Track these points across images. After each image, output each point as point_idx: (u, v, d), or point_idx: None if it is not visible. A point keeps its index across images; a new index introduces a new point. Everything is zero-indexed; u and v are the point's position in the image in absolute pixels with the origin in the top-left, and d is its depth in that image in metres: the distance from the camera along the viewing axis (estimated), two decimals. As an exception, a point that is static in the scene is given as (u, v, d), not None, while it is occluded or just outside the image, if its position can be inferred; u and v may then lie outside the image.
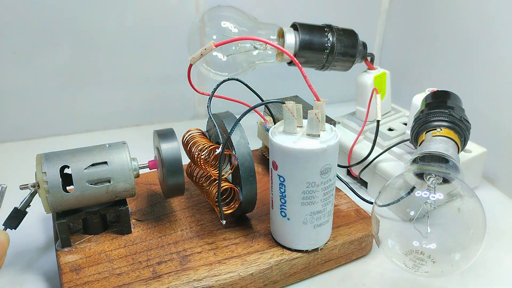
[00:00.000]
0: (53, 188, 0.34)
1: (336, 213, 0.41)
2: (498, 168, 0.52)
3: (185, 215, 0.41)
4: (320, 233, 0.36)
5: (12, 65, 0.56)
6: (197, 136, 0.40)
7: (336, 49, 0.49)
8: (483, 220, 0.35)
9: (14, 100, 0.58)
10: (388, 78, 0.54)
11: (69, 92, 0.61)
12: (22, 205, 0.36)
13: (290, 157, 0.33)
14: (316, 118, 0.33)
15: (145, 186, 0.46)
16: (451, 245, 0.36)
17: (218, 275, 0.34)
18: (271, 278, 0.36)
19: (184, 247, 0.37)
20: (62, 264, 0.35)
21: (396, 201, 0.37)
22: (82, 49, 0.59)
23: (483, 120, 0.52)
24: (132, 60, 0.62)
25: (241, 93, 0.41)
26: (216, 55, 0.47)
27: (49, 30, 0.56)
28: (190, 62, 0.40)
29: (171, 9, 0.60)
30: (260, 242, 0.38)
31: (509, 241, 0.43)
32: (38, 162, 0.35)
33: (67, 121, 0.62)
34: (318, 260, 0.38)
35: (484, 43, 0.52)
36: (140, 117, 0.66)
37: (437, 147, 0.37)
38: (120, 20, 0.58)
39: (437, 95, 0.44)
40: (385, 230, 0.37)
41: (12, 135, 0.60)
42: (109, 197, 0.37)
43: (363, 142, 0.52)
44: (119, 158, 0.37)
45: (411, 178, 0.37)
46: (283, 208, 0.35)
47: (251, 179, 0.36)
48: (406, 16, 0.67)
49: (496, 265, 0.40)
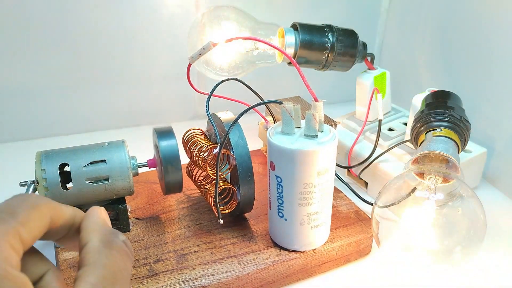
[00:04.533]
0: (52, 185, 0.34)
1: (335, 214, 0.41)
2: (498, 168, 0.52)
3: (184, 214, 0.41)
4: (317, 234, 0.36)
5: (12, 65, 0.57)
6: (197, 135, 0.40)
7: (336, 49, 0.48)
8: (483, 220, 0.35)
9: (14, 100, 0.58)
10: (388, 78, 0.53)
11: (69, 92, 0.61)
12: None
13: (287, 157, 0.33)
14: (313, 119, 0.32)
15: (145, 184, 0.46)
16: (451, 245, 0.36)
17: (214, 274, 0.34)
18: (268, 279, 0.36)
19: (182, 246, 0.37)
20: (61, 261, 0.35)
21: (396, 202, 0.37)
22: (82, 49, 0.59)
23: (483, 120, 0.52)
24: (132, 60, 0.62)
25: (241, 93, 0.41)
26: (215, 55, 0.47)
27: (49, 30, 0.56)
28: (189, 62, 0.40)
29: (171, 9, 0.60)
30: (258, 242, 0.38)
31: (509, 241, 0.43)
32: (38, 159, 0.35)
33: (67, 121, 0.62)
34: (316, 261, 0.37)
35: (484, 43, 0.52)
36: (140, 117, 0.66)
37: (437, 147, 0.37)
38: (120, 20, 0.59)
39: (437, 95, 0.44)
40: (385, 230, 0.37)
41: (12, 135, 0.61)
42: (107, 195, 0.37)
43: (363, 142, 0.52)
44: (118, 156, 0.37)
45: (411, 178, 0.37)
46: (280, 209, 0.35)
47: (249, 179, 0.36)
48: (406, 16, 0.67)
49: (496, 265, 0.40)
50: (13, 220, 0.20)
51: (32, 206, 0.21)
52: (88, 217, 0.23)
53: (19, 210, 0.20)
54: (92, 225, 0.22)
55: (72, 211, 0.23)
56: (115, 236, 0.22)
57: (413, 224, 0.37)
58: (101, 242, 0.21)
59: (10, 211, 0.20)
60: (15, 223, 0.19)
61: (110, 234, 0.22)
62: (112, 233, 0.23)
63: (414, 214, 0.36)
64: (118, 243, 0.22)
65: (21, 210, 0.20)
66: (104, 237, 0.22)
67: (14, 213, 0.20)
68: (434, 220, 0.36)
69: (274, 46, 0.36)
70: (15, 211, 0.20)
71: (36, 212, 0.21)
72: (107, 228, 0.23)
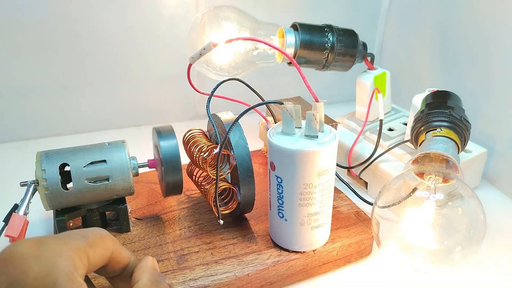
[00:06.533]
0: (52, 185, 0.34)
1: (336, 215, 0.41)
2: (498, 168, 0.52)
3: (184, 215, 0.41)
4: (318, 234, 0.36)
5: (12, 65, 0.57)
6: (198, 135, 0.40)
7: (336, 49, 0.48)
8: (483, 220, 0.35)
9: (14, 100, 0.58)
10: (388, 78, 0.53)
11: (69, 92, 0.61)
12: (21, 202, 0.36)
13: (287, 158, 0.33)
14: (314, 119, 0.32)
15: (145, 185, 0.46)
16: (451, 245, 0.36)
17: (214, 275, 0.34)
18: (268, 279, 0.36)
19: (182, 246, 0.37)
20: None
21: (397, 202, 0.37)
22: (82, 49, 0.59)
23: (483, 120, 0.52)
24: (132, 60, 0.62)
25: (242, 93, 0.41)
26: (215, 55, 0.47)
27: (49, 30, 0.56)
28: (190, 62, 0.40)
29: (171, 9, 0.60)
30: (258, 243, 0.38)
31: (509, 241, 0.43)
32: (38, 159, 0.35)
33: (67, 121, 0.62)
34: (316, 262, 0.37)
35: (484, 43, 0.52)
36: (140, 117, 0.66)
37: (437, 147, 0.37)
38: (120, 20, 0.59)
39: (437, 95, 0.44)
40: (385, 230, 0.37)
41: (12, 135, 0.61)
42: (107, 195, 0.37)
43: (363, 142, 0.52)
44: (118, 156, 0.37)
45: (411, 178, 0.37)
46: (280, 209, 0.35)
47: (249, 179, 0.36)
48: (406, 16, 0.67)
49: (496, 265, 0.40)
50: (84, 241, 0.24)
51: (100, 236, 0.25)
52: (142, 261, 0.27)
53: (90, 235, 0.25)
54: (144, 267, 0.27)
55: (130, 254, 0.27)
56: (162, 278, 0.27)
57: (413, 224, 0.37)
58: (150, 282, 0.26)
59: (82, 234, 0.24)
60: (85, 243, 0.24)
61: (159, 276, 0.27)
62: (160, 275, 0.27)
63: (414, 214, 0.36)
64: (164, 285, 0.26)
65: (91, 236, 0.25)
66: (153, 277, 0.26)
67: (86, 236, 0.24)
68: (434, 220, 0.36)
69: (274, 46, 0.36)
70: (86, 235, 0.25)
71: (102, 241, 0.25)
72: (157, 271, 0.27)
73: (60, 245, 0.22)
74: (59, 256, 0.22)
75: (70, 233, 0.25)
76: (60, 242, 0.23)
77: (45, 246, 0.22)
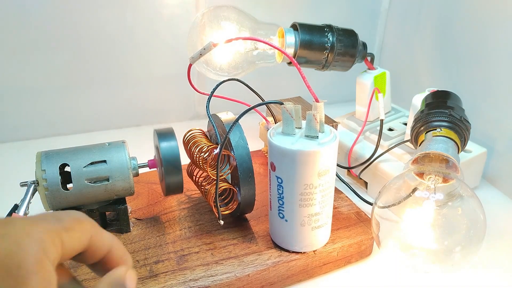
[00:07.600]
0: (52, 185, 0.34)
1: (336, 215, 0.41)
2: (498, 168, 0.52)
3: (184, 215, 0.41)
4: (318, 235, 0.36)
5: (12, 65, 0.57)
6: (198, 136, 0.40)
7: (336, 49, 0.48)
8: (483, 220, 0.35)
9: (14, 100, 0.58)
10: (388, 78, 0.53)
11: (69, 92, 0.61)
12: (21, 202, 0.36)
13: (288, 158, 0.32)
14: (314, 119, 0.32)
15: (146, 185, 0.46)
16: (451, 245, 0.36)
17: (214, 275, 0.34)
18: (268, 280, 0.36)
19: (182, 247, 0.37)
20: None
21: (397, 202, 0.37)
22: (82, 49, 0.59)
23: (483, 120, 0.52)
24: (132, 60, 0.62)
25: (242, 93, 0.41)
26: (215, 55, 0.47)
27: (49, 30, 0.56)
28: (190, 62, 0.40)
29: (171, 9, 0.60)
30: (258, 243, 0.38)
31: (509, 241, 0.43)
32: (38, 159, 0.35)
33: (67, 121, 0.62)
34: (316, 262, 0.37)
35: (484, 43, 0.52)
36: (140, 117, 0.66)
37: (437, 147, 0.37)
38: (120, 20, 0.59)
39: (437, 95, 0.44)
40: (386, 230, 0.37)
41: (12, 135, 0.60)
42: (108, 195, 0.37)
43: (363, 142, 0.52)
44: (118, 157, 0.37)
45: (411, 178, 0.37)
46: (280, 210, 0.35)
47: (249, 179, 0.36)
48: (406, 16, 0.67)
49: (496, 265, 0.40)
50: (58, 224, 0.21)
51: (77, 219, 0.22)
52: (113, 270, 0.24)
53: (65, 218, 0.22)
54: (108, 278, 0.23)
55: (112, 239, 0.24)
56: None
57: (413, 224, 0.37)
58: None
59: (56, 217, 0.22)
60: (59, 227, 0.21)
61: None
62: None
63: (414, 214, 0.36)
64: None
65: (66, 218, 0.22)
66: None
67: (60, 219, 0.22)
68: (434, 220, 0.36)
69: (274, 46, 0.36)
70: (61, 218, 0.22)
71: (80, 224, 0.22)
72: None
73: (29, 225, 0.20)
74: (27, 236, 0.19)
75: (44, 215, 0.22)
76: (30, 222, 0.20)
77: (12, 226, 0.20)
